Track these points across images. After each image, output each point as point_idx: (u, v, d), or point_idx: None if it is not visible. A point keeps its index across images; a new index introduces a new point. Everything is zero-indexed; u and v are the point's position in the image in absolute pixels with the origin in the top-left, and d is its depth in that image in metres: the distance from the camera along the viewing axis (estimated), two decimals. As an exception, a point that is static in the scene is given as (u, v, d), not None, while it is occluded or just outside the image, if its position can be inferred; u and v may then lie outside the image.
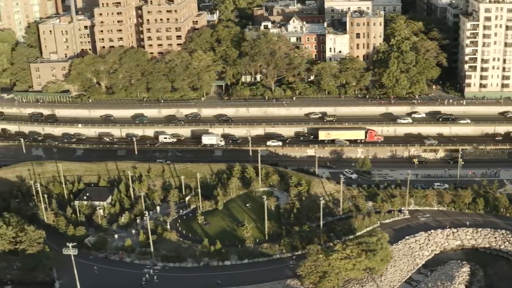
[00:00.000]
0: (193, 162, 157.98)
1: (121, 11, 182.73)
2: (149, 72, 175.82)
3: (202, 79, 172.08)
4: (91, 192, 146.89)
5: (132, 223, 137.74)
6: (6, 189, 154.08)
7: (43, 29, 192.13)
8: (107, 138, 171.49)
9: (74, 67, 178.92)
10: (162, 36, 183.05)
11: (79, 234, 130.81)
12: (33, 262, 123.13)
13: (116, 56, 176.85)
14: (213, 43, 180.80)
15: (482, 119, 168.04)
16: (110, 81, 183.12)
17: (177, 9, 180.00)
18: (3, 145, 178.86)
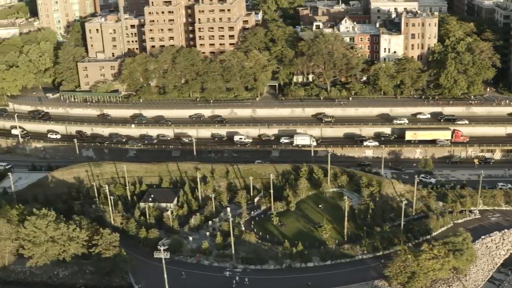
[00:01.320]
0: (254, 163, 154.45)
1: (172, 10, 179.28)
2: (204, 71, 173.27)
3: (259, 79, 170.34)
4: (155, 194, 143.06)
5: (203, 225, 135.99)
6: (64, 190, 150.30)
7: (89, 27, 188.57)
8: (186, 139, 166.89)
9: (126, 67, 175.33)
10: (214, 35, 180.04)
11: (152, 237, 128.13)
12: (109, 266, 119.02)
13: (169, 56, 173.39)
14: (267, 43, 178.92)
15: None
16: (162, 80, 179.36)
17: (230, 8, 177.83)
18: (52, 145, 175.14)
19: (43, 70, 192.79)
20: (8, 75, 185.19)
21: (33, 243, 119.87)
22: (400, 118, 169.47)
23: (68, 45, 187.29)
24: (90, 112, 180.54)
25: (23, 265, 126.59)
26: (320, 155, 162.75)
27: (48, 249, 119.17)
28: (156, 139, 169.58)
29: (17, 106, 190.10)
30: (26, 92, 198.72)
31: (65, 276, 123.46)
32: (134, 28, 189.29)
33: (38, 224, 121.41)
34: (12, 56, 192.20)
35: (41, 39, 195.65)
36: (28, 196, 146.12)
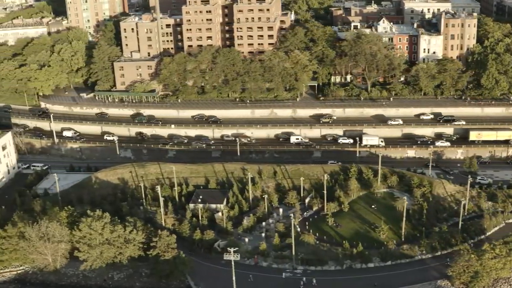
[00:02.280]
0: (301, 163, 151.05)
1: (210, 9, 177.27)
2: (245, 71, 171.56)
3: (300, 80, 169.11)
4: (204, 195, 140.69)
5: (255, 226, 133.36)
6: (108, 191, 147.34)
7: (124, 27, 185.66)
8: (245, 140, 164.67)
9: (165, 66, 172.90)
10: (253, 35, 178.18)
11: (208, 238, 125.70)
12: (168, 268, 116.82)
13: (208, 55, 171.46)
14: (307, 43, 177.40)
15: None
16: (200, 80, 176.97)
17: (269, 8, 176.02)
18: (88, 146, 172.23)
19: (75, 70, 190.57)
20: (40, 74, 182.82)
21: (89, 246, 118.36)
22: (394, 119, 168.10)
23: (103, 45, 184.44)
24: (127, 112, 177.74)
25: (75, 268, 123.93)
26: (362, 155, 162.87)
27: (104, 251, 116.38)
28: (213, 140, 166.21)
29: (49, 106, 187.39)
30: (57, 92, 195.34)
31: (120, 279, 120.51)
32: (170, 28, 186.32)
33: (93, 226, 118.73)
34: (44, 56, 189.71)
35: (73, 38, 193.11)
36: (72, 197, 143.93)
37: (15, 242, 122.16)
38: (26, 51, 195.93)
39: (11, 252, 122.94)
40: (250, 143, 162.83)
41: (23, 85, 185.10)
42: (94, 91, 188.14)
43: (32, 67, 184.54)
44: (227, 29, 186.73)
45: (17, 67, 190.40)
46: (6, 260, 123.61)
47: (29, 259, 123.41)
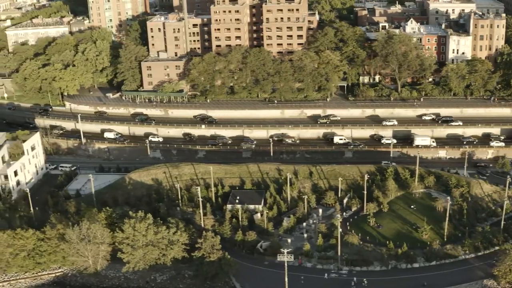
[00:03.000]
0: (336, 163, 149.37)
1: (239, 9, 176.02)
2: (276, 71, 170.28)
3: (331, 80, 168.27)
4: (240, 196, 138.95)
5: (295, 227, 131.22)
6: (143, 192, 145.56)
7: (151, 26, 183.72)
8: (289, 140, 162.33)
9: (194, 66, 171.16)
10: (282, 35, 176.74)
11: (250, 239, 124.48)
12: (213, 270, 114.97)
13: (238, 55, 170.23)
14: (338, 43, 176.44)
15: None
16: (230, 80, 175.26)
17: (299, 8, 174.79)
18: (116, 146, 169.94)
19: (100, 70, 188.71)
20: (65, 74, 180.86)
21: (132, 247, 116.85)
22: (389, 120, 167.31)
23: (130, 44, 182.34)
24: (154, 112, 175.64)
25: (116, 270, 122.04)
26: (394, 155, 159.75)
27: (148, 253, 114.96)
28: (255, 140, 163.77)
29: (74, 106, 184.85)
30: (81, 92, 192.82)
31: (163, 281, 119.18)
32: (197, 27, 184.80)
33: (137, 228, 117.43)
34: (68, 55, 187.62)
35: (97, 37, 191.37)
36: (106, 198, 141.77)
37: (55, 244, 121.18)
38: (49, 51, 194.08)
39: (49, 254, 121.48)
40: (295, 143, 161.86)
41: (47, 85, 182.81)
42: (120, 91, 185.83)
43: (56, 66, 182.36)
44: (255, 29, 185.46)
45: (40, 67, 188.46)
46: (44, 262, 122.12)
47: (68, 261, 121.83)
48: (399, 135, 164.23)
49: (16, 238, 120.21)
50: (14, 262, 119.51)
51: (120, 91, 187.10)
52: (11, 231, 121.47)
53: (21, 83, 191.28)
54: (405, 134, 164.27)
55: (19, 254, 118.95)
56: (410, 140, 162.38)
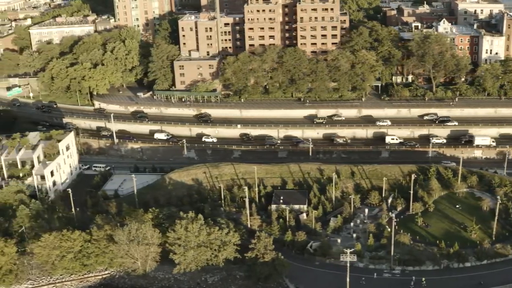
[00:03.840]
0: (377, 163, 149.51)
1: (273, 8, 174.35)
2: (312, 71, 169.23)
3: (368, 79, 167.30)
4: (284, 196, 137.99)
5: (342, 227, 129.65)
6: (183, 192, 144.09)
7: (183, 25, 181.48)
8: (340, 140, 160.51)
9: (229, 65, 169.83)
10: (316, 34, 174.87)
11: (300, 240, 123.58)
12: (267, 271, 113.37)
13: (274, 55, 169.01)
14: (372, 43, 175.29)
15: None
16: (264, 80, 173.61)
17: (333, 8, 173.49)
18: (150, 146, 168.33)
19: (129, 69, 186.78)
20: (95, 73, 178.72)
21: (184, 248, 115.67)
22: (383, 120, 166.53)
23: (162, 43, 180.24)
24: (187, 112, 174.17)
25: (164, 271, 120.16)
26: (429, 155, 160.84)
27: (200, 254, 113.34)
28: (302, 141, 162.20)
29: (104, 105, 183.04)
30: (110, 91, 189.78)
31: (214, 282, 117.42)
32: (228, 27, 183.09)
33: (190, 228, 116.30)
34: (96, 54, 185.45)
35: (125, 36, 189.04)
36: (147, 198, 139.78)
37: (103, 246, 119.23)
38: (77, 50, 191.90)
39: (96, 256, 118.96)
40: (346, 143, 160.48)
41: (76, 84, 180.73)
42: (151, 91, 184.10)
43: (85, 65, 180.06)
44: (287, 28, 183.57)
45: (68, 66, 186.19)
46: (90, 264, 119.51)
47: (115, 263, 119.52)
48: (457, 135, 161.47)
49: (63, 240, 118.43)
50: (60, 264, 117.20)
51: (151, 91, 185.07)
52: (56, 232, 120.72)
53: (48, 82, 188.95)
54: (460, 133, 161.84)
55: (65, 256, 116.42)
56: (465, 140, 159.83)
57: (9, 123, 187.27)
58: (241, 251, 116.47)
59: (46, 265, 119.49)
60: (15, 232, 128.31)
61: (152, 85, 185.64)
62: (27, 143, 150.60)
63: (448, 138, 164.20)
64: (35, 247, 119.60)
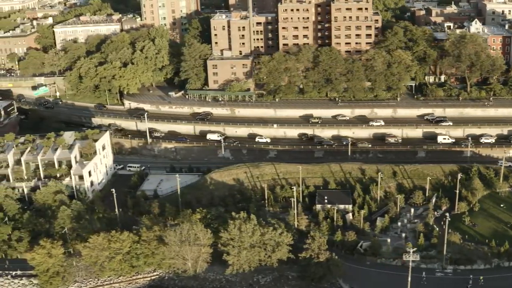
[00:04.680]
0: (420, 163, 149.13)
1: (307, 7, 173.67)
2: (348, 70, 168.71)
3: (404, 79, 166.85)
4: (327, 195, 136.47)
5: (389, 226, 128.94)
6: (225, 192, 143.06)
7: (215, 24, 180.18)
8: (392, 140, 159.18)
9: (264, 65, 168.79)
10: (351, 34, 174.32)
11: (350, 240, 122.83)
12: (321, 271, 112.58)
13: (309, 54, 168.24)
14: (407, 43, 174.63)
15: None
16: (299, 79, 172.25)
17: (367, 7, 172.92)
18: (184, 146, 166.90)
19: (160, 68, 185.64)
20: (126, 72, 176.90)
21: (238, 249, 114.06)
22: (376, 120, 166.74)
23: (194, 42, 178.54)
24: (220, 111, 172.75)
25: (215, 272, 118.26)
26: (466, 155, 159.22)
27: (254, 254, 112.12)
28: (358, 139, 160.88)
29: (134, 104, 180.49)
30: (139, 90, 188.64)
31: (266, 283, 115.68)
32: (260, 26, 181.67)
33: (243, 228, 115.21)
34: (126, 53, 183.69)
35: (154, 35, 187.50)
36: (189, 198, 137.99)
37: (153, 247, 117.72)
38: (105, 49, 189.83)
39: (145, 257, 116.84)
40: (397, 143, 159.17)
41: (106, 83, 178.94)
42: (183, 90, 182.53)
43: (115, 64, 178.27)
44: (319, 28, 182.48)
45: (96, 65, 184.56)
46: (139, 265, 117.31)
47: (165, 264, 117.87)
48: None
49: (112, 241, 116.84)
50: (109, 265, 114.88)
51: (182, 90, 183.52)
52: (104, 233, 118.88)
53: (75, 81, 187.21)
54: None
55: (114, 258, 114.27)
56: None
57: (37, 122, 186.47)
58: (292, 251, 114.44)
59: (95, 267, 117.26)
60: (56, 233, 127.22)
61: (183, 85, 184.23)
62: (63, 142, 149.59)
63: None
64: (83, 249, 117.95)
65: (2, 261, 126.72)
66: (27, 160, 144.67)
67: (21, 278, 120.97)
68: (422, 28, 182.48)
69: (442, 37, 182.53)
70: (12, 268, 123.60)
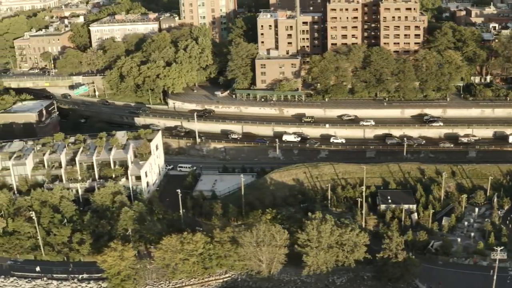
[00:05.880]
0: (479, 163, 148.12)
1: (357, 7, 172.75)
2: (399, 70, 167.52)
3: (454, 79, 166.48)
4: (389, 195, 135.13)
5: (455, 226, 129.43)
6: (285, 192, 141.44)
7: (262, 23, 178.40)
8: (465, 139, 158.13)
9: (315, 64, 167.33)
10: (400, 34, 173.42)
11: (422, 239, 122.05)
12: (399, 271, 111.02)
13: (361, 54, 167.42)
14: (456, 43, 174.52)
15: None
16: (349, 79, 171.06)
17: (416, 7, 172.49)
18: (234, 146, 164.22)
19: (203, 67, 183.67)
20: (172, 71, 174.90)
21: (316, 249, 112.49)
22: (366, 120, 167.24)
23: (242, 41, 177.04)
24: (268, 111, 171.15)
25: (288, 273, 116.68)
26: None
27: (332, 255, 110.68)
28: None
29: (178, 104, 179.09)
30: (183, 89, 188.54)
31: (342, 284, 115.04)
32: (307, 25, 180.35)
33: (322, 229, 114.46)
34: (169, 52, 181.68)
35: (197, 34, 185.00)
36: (250, 198, 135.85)
37: (227, 248, 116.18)
38: (147, 48, 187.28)
39: (217, 258, 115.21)
40: (470, 143, 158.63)
41: (150, 82, 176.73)
42: (228, 89, 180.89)
43: (159, 63, 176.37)
44: (365, 27, 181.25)
45: (138, 64, 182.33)
46: (211, 267, 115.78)
47: (238, 265, 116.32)
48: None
49: (185, 243, 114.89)
50: (183, 268, 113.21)
51: (228, 89, 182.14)
52: (176, 235, 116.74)
53: (116, 80, 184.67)
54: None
55: (188, 259, 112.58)
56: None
57: (77, 122, 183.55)
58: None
59: (167, 269, 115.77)
60: (118, 235, 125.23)
61: (228, 84, 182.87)
62: (116, 142, 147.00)
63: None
64: (156, 251, 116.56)
65: (64, 264, 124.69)
66: (81, 161, 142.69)
67: (88, 281, 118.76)
68: (470, 28, 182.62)
69: (488, 37, 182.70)
70: (77, 271, 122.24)
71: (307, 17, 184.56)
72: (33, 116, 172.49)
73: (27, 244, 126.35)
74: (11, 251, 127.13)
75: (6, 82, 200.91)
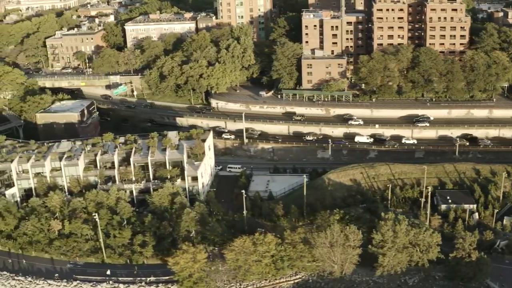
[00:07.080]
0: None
1: (403, 7, 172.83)
2: (448, 71, 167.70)
3: (502, 80, 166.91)
4: (448, 196, 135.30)
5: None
6: (344, 193, 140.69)
7: (307, 23, 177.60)
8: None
9: (364, 64, 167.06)
10: (445, 34, 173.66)
11: (489, 239, 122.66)
12: (471, 271, 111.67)
13: (409, 54, 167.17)
14: (501, 44, 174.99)
15: None
16: (397, 79, 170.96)
17: (461, 8, 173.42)
18: (282, 146, 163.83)
19: (246, 67, 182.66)
20: (215, 71, 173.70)
21: (391, 250, 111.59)
22: (355, 119, 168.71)
23: (287, 41, 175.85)
24: (315, 111, 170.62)
25: (359, 274, 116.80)
26: None
27: (406, 255, 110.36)
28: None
29: (222, 104, 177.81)
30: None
31: (414, 284, 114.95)
32: (351, 25, 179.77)
33: (397, 229, 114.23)
34: (211, 52, 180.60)
35: (238, 34, 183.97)
36: (309, 199, 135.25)
37: (300, 249, 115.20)
38: (188, 47, 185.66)
39: (289, 259, 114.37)
40: None
41: (193, 82, 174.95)
42: (272, 89, 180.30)
43: (202, 63, 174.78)
44: (409, 28, 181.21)
45: (179, 63, 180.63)
46: (281, 268, 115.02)
47: (309, 266, 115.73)
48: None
49: (258, 244, 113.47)
50: (255, 269, 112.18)
51: (272, 89, 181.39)
52: (248, 236, 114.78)
53: (155, 80, 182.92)
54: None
55: (261, 261, 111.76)
56: None
57: (118, 122, 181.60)
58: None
59: (239, 271, 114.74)
60: (180, 237, 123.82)
61: (272, 84, 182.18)
62: (169, 143, 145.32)
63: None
64: (228, 252, 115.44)
65: (128, 267, 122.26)
66: (136, 161, 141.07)
67: (157, 284, 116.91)
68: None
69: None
70: (142, 274, 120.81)
71: (352, 17, 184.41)
72: (75, 116, 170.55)
73: (85, 247, 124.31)
74: (69, 254, 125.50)
75: (41, 82, 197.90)
